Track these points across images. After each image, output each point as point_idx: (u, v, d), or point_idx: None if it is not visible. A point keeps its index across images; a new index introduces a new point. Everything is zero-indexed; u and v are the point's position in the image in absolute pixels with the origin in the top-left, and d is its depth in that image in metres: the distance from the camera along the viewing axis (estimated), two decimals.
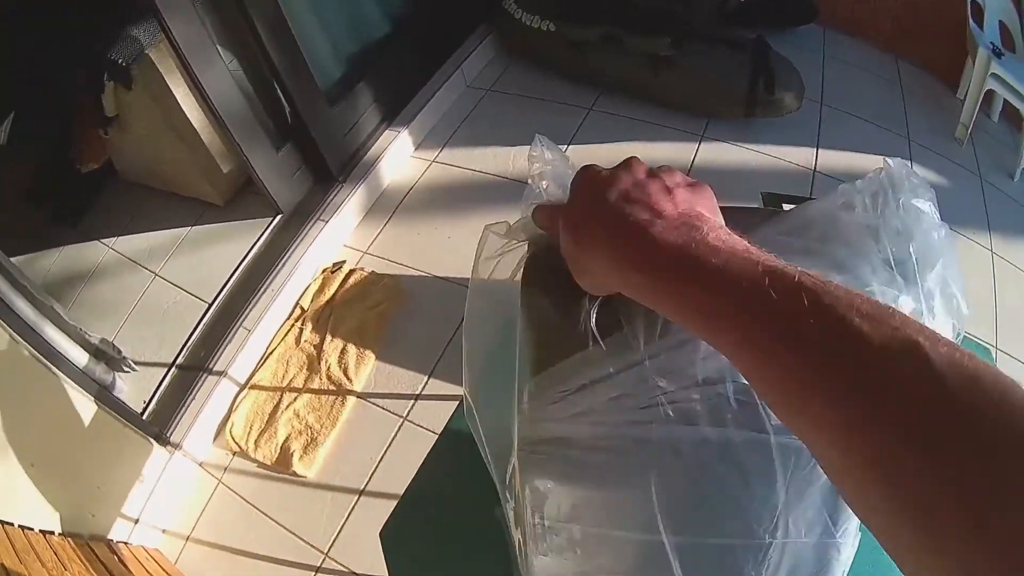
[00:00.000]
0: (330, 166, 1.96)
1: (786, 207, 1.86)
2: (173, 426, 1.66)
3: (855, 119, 2.22)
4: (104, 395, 1.54)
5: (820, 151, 2.10)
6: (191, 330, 1.85)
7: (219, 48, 1.70)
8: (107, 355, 1.76)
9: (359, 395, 1.72)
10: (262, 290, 1.85)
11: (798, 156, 2.07)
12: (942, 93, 2.48)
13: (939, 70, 2.51)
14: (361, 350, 1.80)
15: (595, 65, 2.06)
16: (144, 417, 1.71)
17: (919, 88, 2.43)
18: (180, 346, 1.84)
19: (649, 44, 1.99)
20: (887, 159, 0.51)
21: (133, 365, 1.82)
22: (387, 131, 2.04)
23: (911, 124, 2.29)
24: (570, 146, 2.00)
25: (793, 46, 2.27)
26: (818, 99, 2.21)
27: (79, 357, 1.60)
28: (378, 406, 1.69)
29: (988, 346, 1.85)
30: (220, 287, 1.90)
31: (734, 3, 2.24)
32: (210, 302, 1.88)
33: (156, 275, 1.97)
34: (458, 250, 1.85)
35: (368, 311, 1.85)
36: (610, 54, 2.03)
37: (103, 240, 2.08)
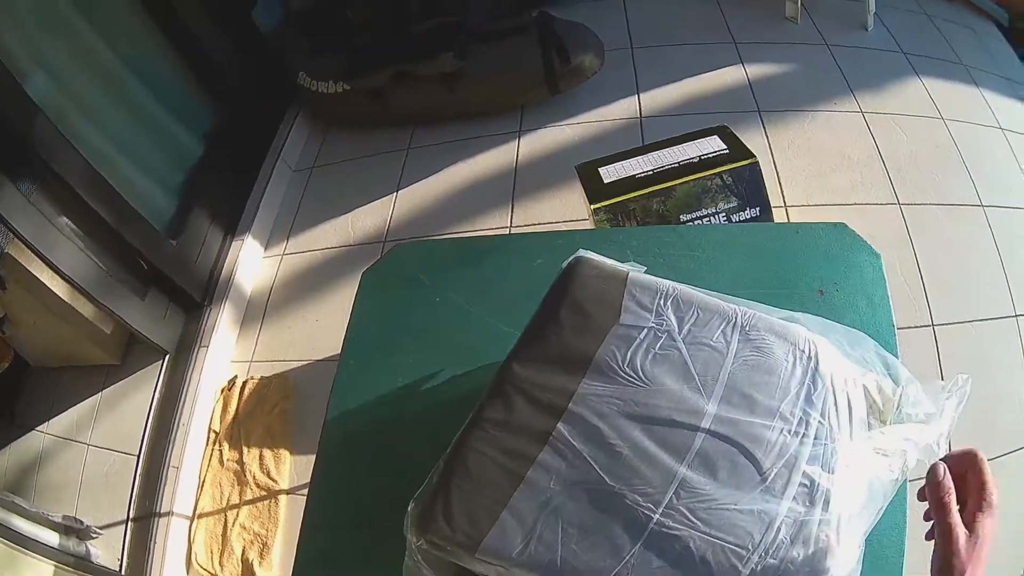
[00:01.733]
0: (193, 295, 2.07)
1: (602, 171, 1.89)
2: (148, 573, 1.82)
3: (671, 48, 2.20)
4: (84, 564, 1.72)
5: (642, 95, 2.09)
6: (131, 484, 2.00)
7: (60, 228, 1.80)
8: (74, 529, 1.94)
9: (288, 492, 1.85)
10: (175, 428, 1.98)
11: (621, 110, 2.07)
12: None
13: None
14: (276, 451, 1.92)
15: (396, 106, 2.09)
16: (123, 573, 1.87)
17: None
18: (128, 501, 1.99)
19: (434, 66, 2.00)
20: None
21: (98, 530, 1.99)
22: (233, 243, 2.12)
23: (734, 27, 2.25)
24: (398, 192, 2.03)
25: (589, 3, 2.22)
26: (626, 45, 2.18)
27: (51, 538, 1.78)
28: (304, 495, 1.81)
29: (891, 204, 1.90)
30: (140, 437, 2.03)
31: None
32: (137, 454, 2.02)
33: (88, 445, 2.12)
34: (328, 330, 1.94)
35: (269, 415, 1.96)
36: (406, 90, 2.05)
37: (38, 429, 2.24)
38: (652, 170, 1.86)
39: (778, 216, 1.74)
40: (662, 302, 0.70)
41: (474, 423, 0.66)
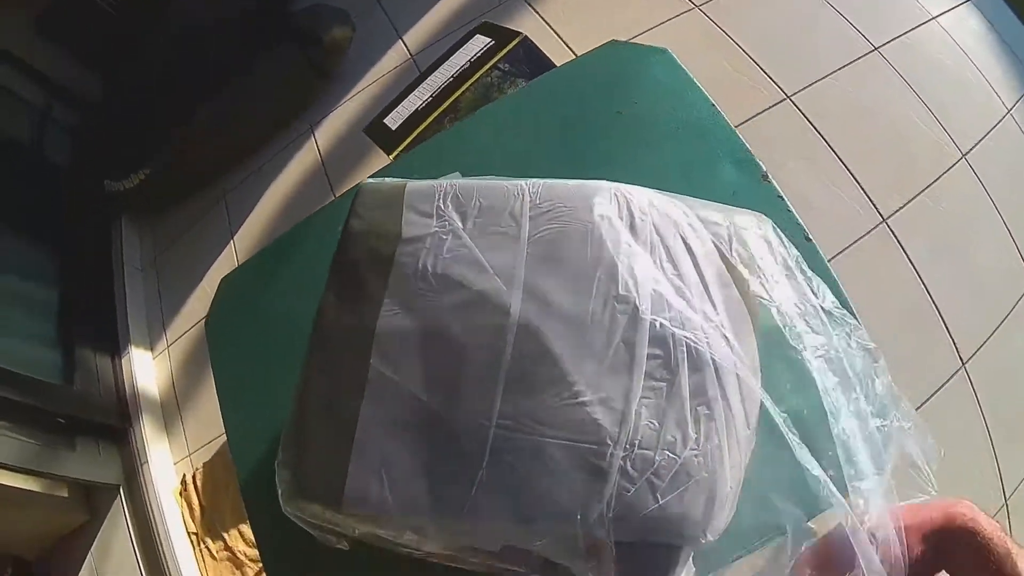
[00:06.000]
0: (113, 424, 2.08)
1: (387, 121, 1.89)
2: None
3: None
4: None
5: (404, 36, 2.06)
6: None
7: None
8: None
9: None
10: (162, 548, 2.02)
11: (392, 60, 2.04)
12: None
13: None
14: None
15: (194, 167, 2.07)
16: None
17: None
18: None
19: (201, 120, 1.98)
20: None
21: None
22: (122, 360, 2.12)
23: None
24: (234, 238, 2.03)
25: None
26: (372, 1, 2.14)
27: None
28: None
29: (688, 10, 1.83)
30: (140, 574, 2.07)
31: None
32: None
33: None
34: None
35: (227, 492, 1.99)
36: (194, 149, 2.03)
37: None
38: (431, 95, 1.84)
39: None
40: (442, 203, 0.63)
41: (300, 385, 0.62)
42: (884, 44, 1.82)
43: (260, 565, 1.91)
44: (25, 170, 2.23)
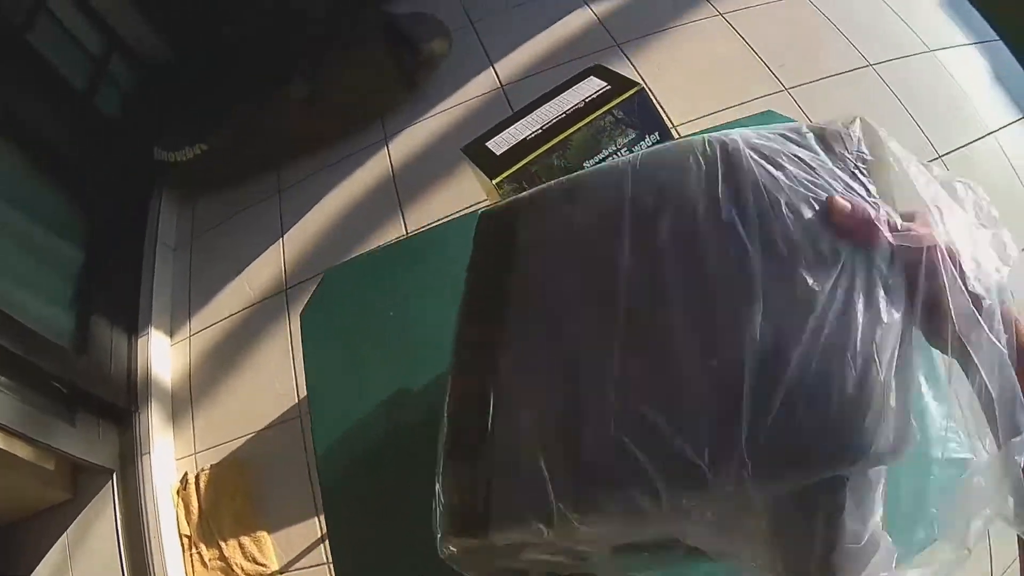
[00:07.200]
0: (119, 404, 1.97)
1: (490, 145, 1.78)
2: None
3: (508, 11, 2.11)
4: None
5: (496, 65, 2.00)
6: None
7: None
8: None
9: (282, 572, 1.78)
10: (149, 545, 1.90)
11: (480, 86, 1.99)
12: None
13: None
14: (254, 536, 1.85)
15: (256, 150, 1.99)
16: None
17: None
18: None
19: (284, 96, 1.88)
20: None
21: None
22: (139, 341, 2.01)
23: None
24: (283, 237, 1.94)
25: None
26: (465, 21, 2.07)
27: None
28: (303, 568, 1.76)
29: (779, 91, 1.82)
30: (120, 566, 1.94)
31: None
32: None
33: None
34: (259, 395, 1.87)
35: (232, 500, 1.89)
36: (262, 131, 1.93)
37: None
38: (541, 128, 1.77)
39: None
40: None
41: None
42: (947, 153, 1.79)
43: None
44: (73, 118, 2.10)
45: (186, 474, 1.94)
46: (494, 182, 1.49)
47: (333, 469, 0.84)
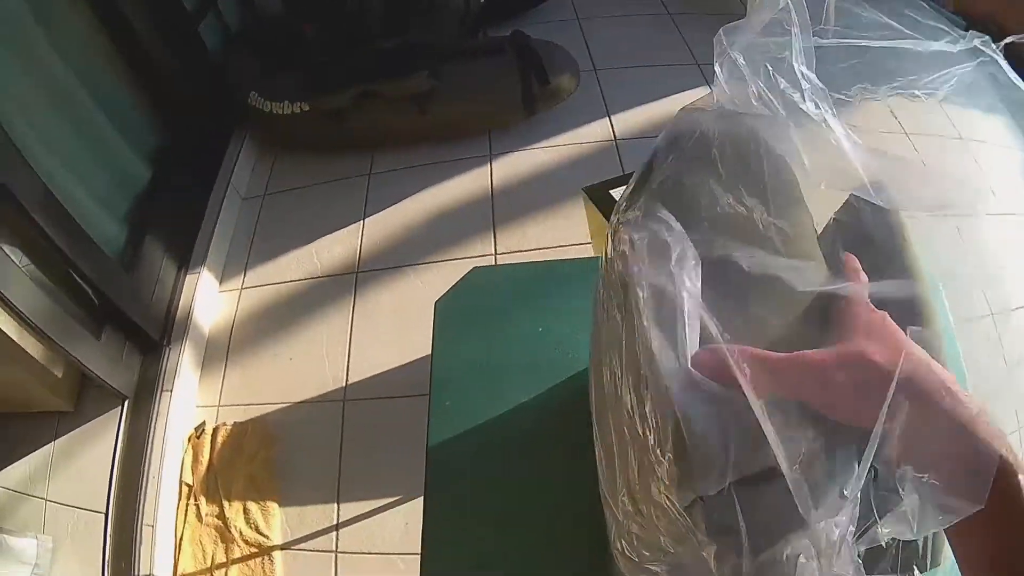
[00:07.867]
0: (151, 334, 1.93)
1: (615, 193, 1.83)
2: None
3: (633, 69, 2.16)
4: None
5: (613, 117, 2.04)
6: (102, 545, 1.87)
7: (11, 256, 1.61)
8: None
9: (282, 547, 1.77)
10: (144, 481, 1.86)
11: (594, 133, 2.03)
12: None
13: None
14: (263, 503, 1.83)
15: (359, 128, 1.96)
16: None
17: (686, 6, 2.31)
18: (100, 565, 1.86)
19: (406, 86, 1.87)
20: None
21: None
22: (188, 277, 1.96)
23: (694, 46, 2.20)
24: (365, 220, 1.93)
25: (545, 24, 2.13)
26: (590, 67, 2.11)
27: None
28: (305, 550, 1.73)
29: None
30: (107, 493, 1.90)
31: (475, 9, 2.07)
32: (104, 512, 1.89)
33: (47, 500, 1.96)
34: (305, 368, 1.86)
35: (250, 464, 1.87)
36: (371, 111, 1.92)
37: None
38: None
39: None
40: None
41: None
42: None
43: (251, 548, 1.80)
44: (174, 36, 2.02)
45: (204, 423, 1.91)
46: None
47: (441, 463, 0.84)
